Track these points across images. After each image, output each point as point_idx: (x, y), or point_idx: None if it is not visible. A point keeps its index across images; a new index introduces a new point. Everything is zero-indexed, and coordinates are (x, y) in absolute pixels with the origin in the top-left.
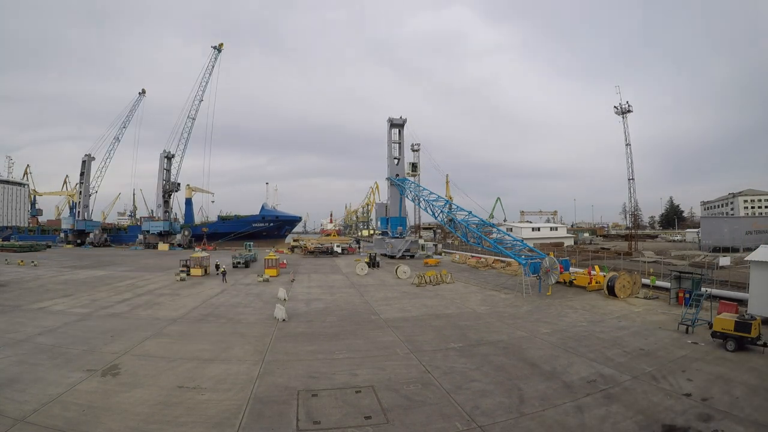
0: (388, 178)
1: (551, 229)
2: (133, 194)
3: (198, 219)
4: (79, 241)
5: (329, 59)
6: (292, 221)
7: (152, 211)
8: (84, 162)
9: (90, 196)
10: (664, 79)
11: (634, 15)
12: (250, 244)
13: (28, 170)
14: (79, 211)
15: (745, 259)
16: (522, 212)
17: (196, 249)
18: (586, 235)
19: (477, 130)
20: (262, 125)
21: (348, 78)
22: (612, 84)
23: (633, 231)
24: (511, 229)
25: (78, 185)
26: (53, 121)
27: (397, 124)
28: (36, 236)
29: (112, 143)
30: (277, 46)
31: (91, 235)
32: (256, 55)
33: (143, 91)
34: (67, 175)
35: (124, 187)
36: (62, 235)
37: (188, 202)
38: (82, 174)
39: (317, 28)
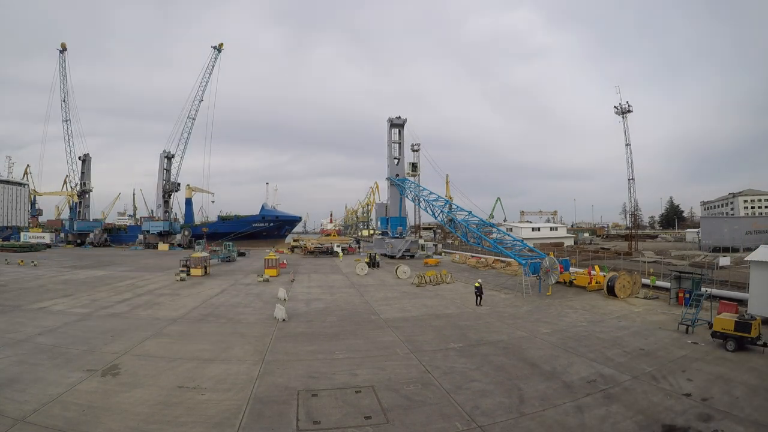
0: (388, 178)
1: (551, 229)
2: (133, 194)
3: (198, 219)
4: (79, 241)
5: (380, 54)
6: (292, 221)
7: (152, 211)
8: (84, 162)
9: (87, 193)
10: (699, 86)
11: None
12: (229, 244)
13: (28, 170)
14: (79, 211)
15: (745, 259)
16: (522, 212)
17: (196, 249)
18: (586, 235)
19: (512, 129)
20: (284, 122)
21: (399, 75)
22: (648, 89)
23: (633, 231)
24: (511, 229)
25: (77, 185)
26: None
27: (397, 124)
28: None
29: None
30: (330, 39)
31: (91, 235)
32: (308, 48)
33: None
34: (66, 175)
35: (125, 186)
36: (62, 234)
37: (188, 202)
38: (82, 173)
39: (377, 21)
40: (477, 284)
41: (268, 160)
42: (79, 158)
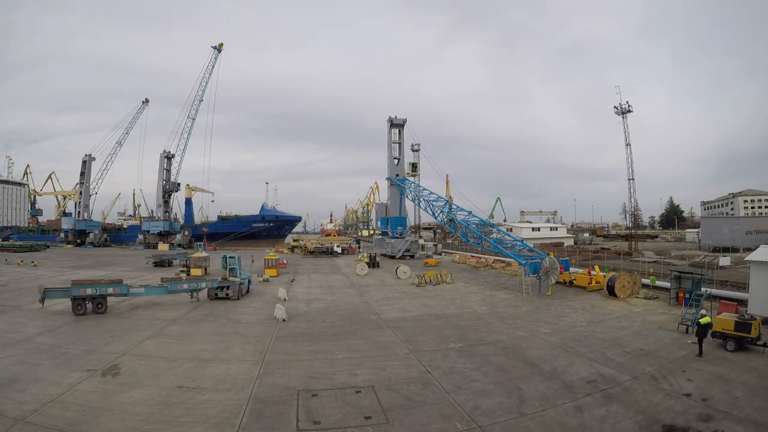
0: (388, 178)
1: (551, 229)
2: (133, 194)
3: (198, 219)
4: (79, 241)
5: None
6: (292, 221)
7: (152, 211)
8: (84, 162)
9: (90, 196)
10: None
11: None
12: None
13: (28, 170)
14: (79, 211)
15: (745, 259)
16: (522, 212)
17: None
18: (586, 235)
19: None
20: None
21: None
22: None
23: (633, 231)
24: (511, 229)
25: (78, 185)
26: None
27: (397, 124)
28: (36, 236)
29: (115, 147)
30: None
31: (91, 235)
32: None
33: (146, 101)
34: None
35: (125, 186)
36: (62, 235)
37: (188, 202)
38: (82, 174)
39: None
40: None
41: (306, 156)
42: (83, 160)
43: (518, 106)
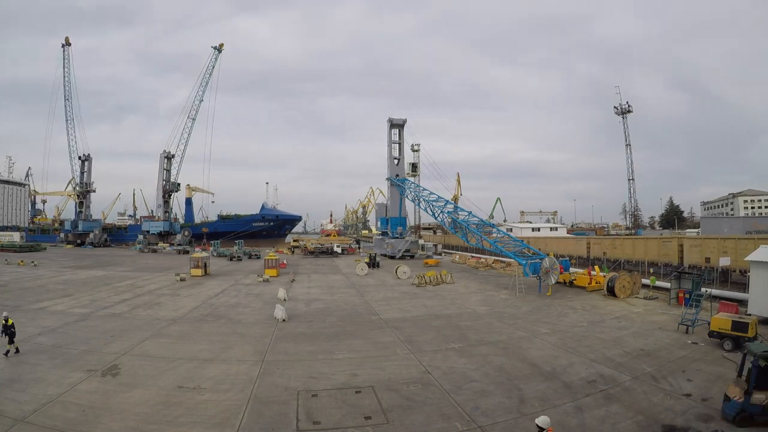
0: (388, 179)
1: (551, 229)
2: (133, 194)
3: (198, 219)
4: (79, 241)
5: None
6: (292, 221)
7: (152, 211)
8: (83, 162)
9: (87, 193)
10: None
11: None
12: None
13: (29, 171)
14: (80, 211)
15: (745, 259)
16: (522, 212)
17: (196, 249)
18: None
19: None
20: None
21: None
22: None
23: (633, 231)
24: (511, 229)
25: (77, 185)
26: None
27: (397, 124)
28: (36, 236)
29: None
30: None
31: (91, 235)
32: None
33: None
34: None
35: (125, 186)
36: (62, 235)
37: (188, 202)
38: (82, 173)
39: None
40: None
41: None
42: (80, 158)
43: None
